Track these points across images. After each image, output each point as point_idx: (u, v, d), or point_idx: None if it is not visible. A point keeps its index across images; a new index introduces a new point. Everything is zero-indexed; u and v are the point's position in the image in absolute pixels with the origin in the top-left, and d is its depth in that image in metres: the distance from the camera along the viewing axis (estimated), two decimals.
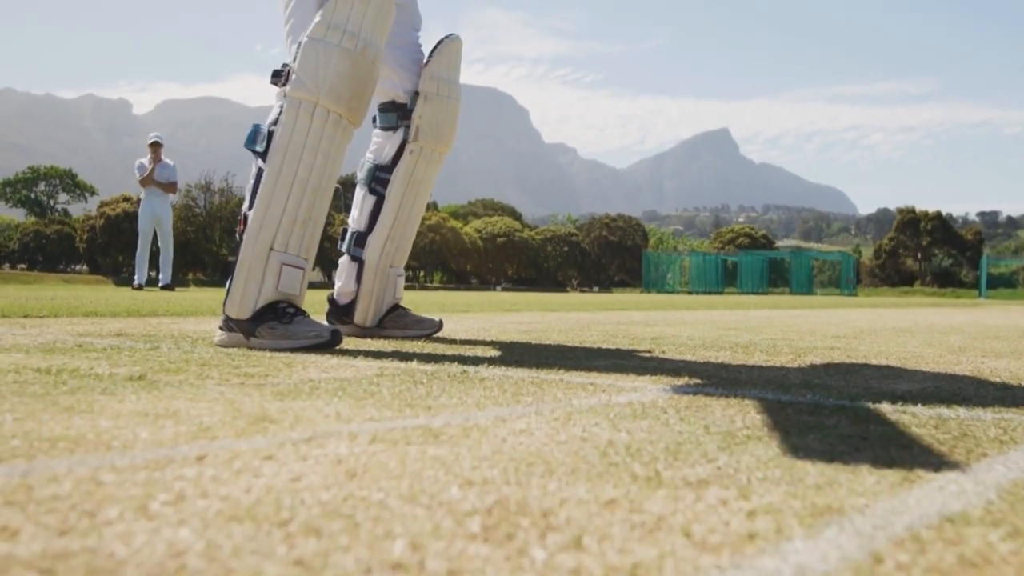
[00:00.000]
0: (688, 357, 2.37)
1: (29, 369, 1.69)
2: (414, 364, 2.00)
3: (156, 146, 12.29)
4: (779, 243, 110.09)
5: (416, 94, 2.85)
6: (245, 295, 2.33)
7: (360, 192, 2.96)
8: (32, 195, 63.48)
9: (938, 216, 63.89)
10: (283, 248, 2.34)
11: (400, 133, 2.88)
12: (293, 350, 2.25)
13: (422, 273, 51.80)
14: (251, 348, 2.29)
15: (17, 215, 63.21)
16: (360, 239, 2.92)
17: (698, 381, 1.77)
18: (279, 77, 2.40)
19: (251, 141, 2.40)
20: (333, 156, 2.38)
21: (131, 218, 39.34)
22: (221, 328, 2.41)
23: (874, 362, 2.36)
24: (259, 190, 2.35)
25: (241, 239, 2.36)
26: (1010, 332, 4.34)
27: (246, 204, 2.41)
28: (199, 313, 4.33)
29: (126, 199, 42.31)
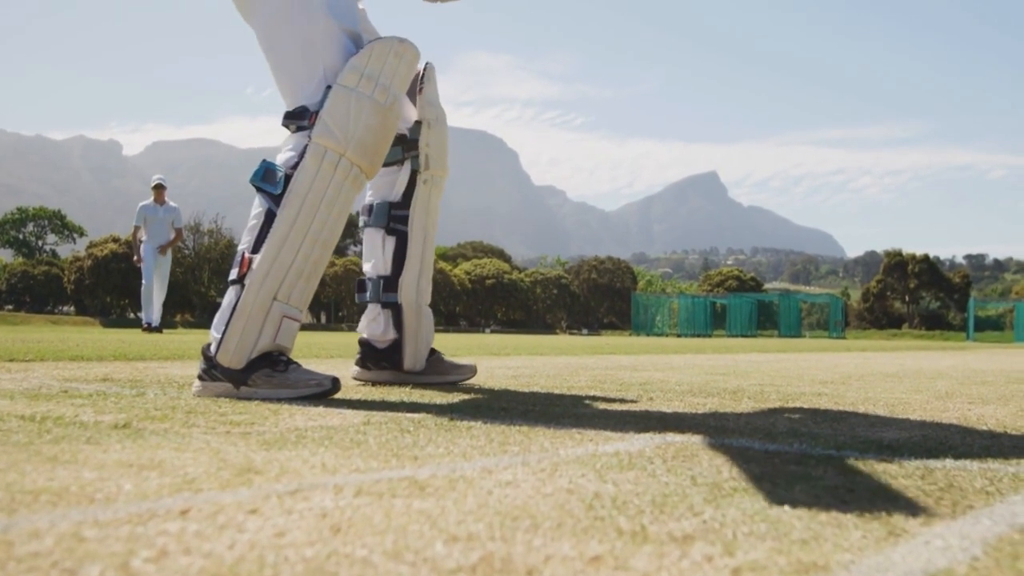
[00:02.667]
0: (676, 404, 2.37)
1: (13, 416, 1.68)
2: (401, 412, 1.99)
3: (160, 188, 12.33)
4: (768, 286, 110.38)
5: (417, 123, 2.80)
6: (241, 344, 2.24)
7: (375, 235, 2.86)
8: (20, 236, 63.38)
9: (925, 259, 64.24)
10: (286, 299, 2.26)
11: (407, 165, 2.82)
12: (291, 400, 2.19)
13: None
14: (240, 397, 2.21)
15: (5, 256, 63.05)
16: (389, 283, 2.83)
17: (686, 429, 1.76)
18: (295, 119, 2.32)
19: (261, 179, 2.30)
20: (345, 210, 2.33)
21: (119, 259, 39.31)
22: (201, 377, 2.30)
23: (861, 409, 2.36)
24: (270, 236, 2.25)
25: (241, 282, 2.26)
26: (996, 377, 4.35)
27: (248, 245, 2.29)
28: (186, 357, 4.31)
29: (114, 240, 42.28)
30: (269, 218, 2.28)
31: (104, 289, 41.15)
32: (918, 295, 63.45)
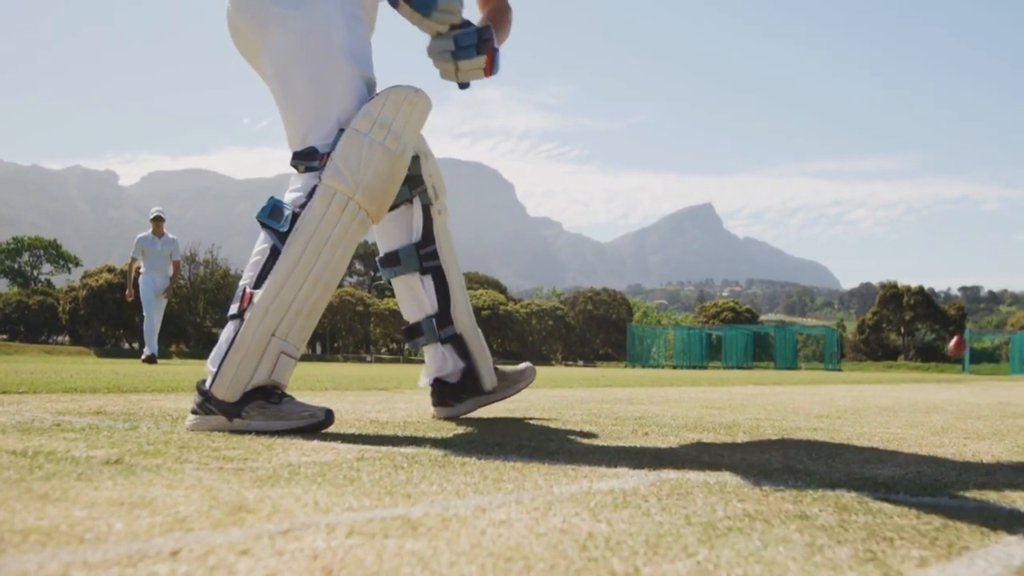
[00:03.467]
0: (671, 439, 2.37)
1: (4, 452, 1.67)
2: (395, 446, 1.99)
3: (158, 220, 12.36)
4: (763, 317, 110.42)
5: (415, 158, 2.79)
6: (237, 377, 2.24)
7: (411, 279, 2.86)
8: (16, 265, 63.37)
9: (920, 291, 64.34)
10: (284, 336, 2.26)
11: (416, 203, 2.81)
12: (283, 432, 2.20)
13: (407, 346, 51.67)
14: (234, 430, 2.22)
15: (0, 286, 63.05)
16: (442, 319, 2.85)
17: (681, 466, 1.76)
18: (304, 159, 2.35)
19: (268, 216, 2.31)
20: (348, 252, 2.35)
21: (114, 289, 39.22)
22: (195, 411, 2.29)
23: (857, 444, 2.35)
24: (273, 273, 2.26)
25: (241, 316, 2.27)
26: (992, 411, 4.35)
27: (250, 280, 2.31)
28: (180, 389, 4.30)
29: (110, 270, 42.25)
30: (273, 255, 2.29)
31: (99, 319, 41.07)
32: (913, 327, 63.47)
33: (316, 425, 2.25)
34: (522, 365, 3.08)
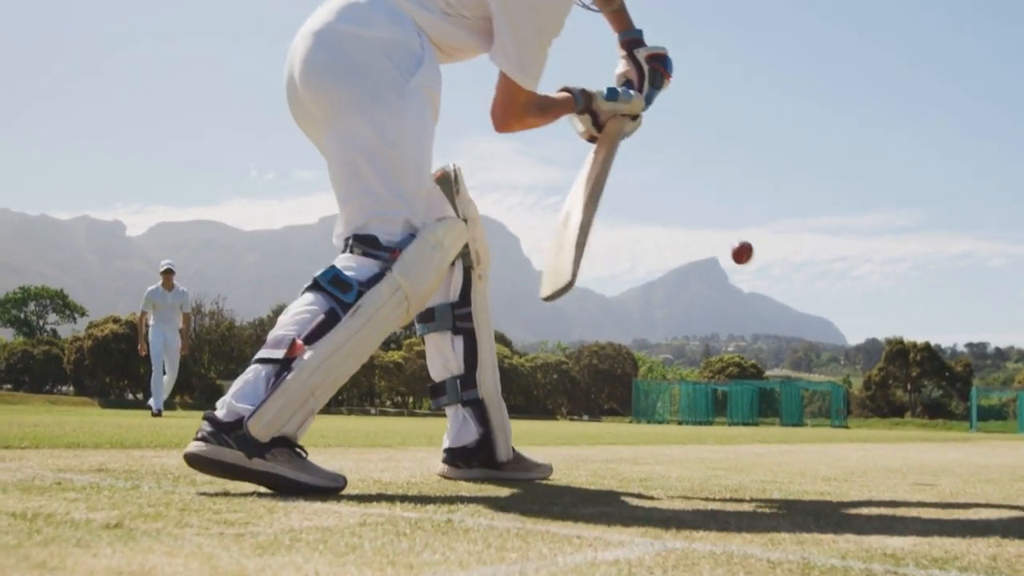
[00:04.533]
0: (677, 503, 2.34)
1: (4, 514, 1.65)
2: (398, 510, 1.97)
3: (169, 273, 12.43)
4: (769, 373, 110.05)
5: (463, 221, 2.83)
6: (275, 419, 2.22)
7: (441, 338, 2.91)
8: (22, 315, 63.48)
9: (927, 347, 64.12)
10: (318, 397, 2.30)
11: (458, 264, 2.87)
12: (300, 488, 2.21)
13: (411, 399, 51.50)
14: (250, 468, 2.19)
15: (5, 335, 63.09)
16: (467, 381, 2.87)
17: (687, 533, 1.74)
18: (364, 244, 2.44)
19: (328, 282, 2.38)
20: (382, 339, 2.47)
21: (120, 339, 39.23)
22: (207, 440, 2.21)
23: (865, 511, 2.33)
24: (330, 336, 2.30)
25: (287, 364, 2.26)
26: (1002, 474, 4.31)
27: (299, 333, 2.31)
28: (183, 444, 4.27)
29: (115, 320, 42.30)
30: (330, 319, 2.34)
31: (103, 369, 41.01)
32: (920, 383, 63.12)
33: (335, 489, 2.27)
34: (541, 459, 3.07)
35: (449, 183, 2.89)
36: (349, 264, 2.44)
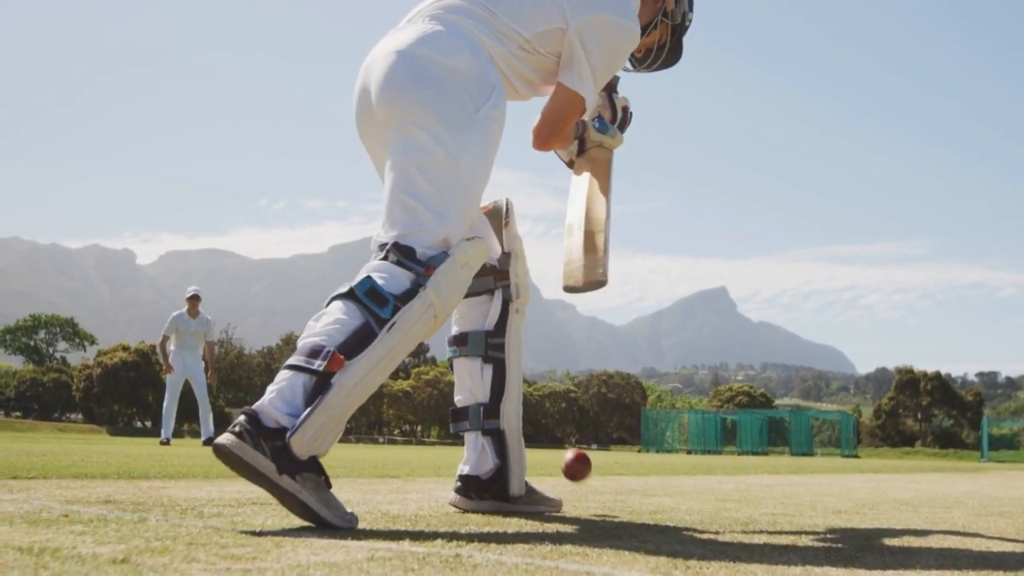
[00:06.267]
0: (686, 537, 2.33)
1: (11, 548, 1.65)
2: (406, 544, 1.95)
3: (195, 299, 12.38)
4: (778, 402, 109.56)
5: (506, 255, 2.91)
6: (316, 439, 2.18)
7: (471, 364, 2.92)
8: (32, 343, 63.67)
9: (937, 376, 63.86)
10: (347, 418, 2.28)
11: (498, 295, 2.90)
12: (316, 519, 2.18)
13: (419, 428, 51.41)
14: (278, 485, 2.14)
15: (15, 363, 63.24)
16: (490, 410, 2.88)
17: (697, 569, 1.72)
18: (401, 254, 2.43)
19: (365, 294, 2.34)
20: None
21: (128, 367, 39.34)
22: (242, 436, 2.14)
23: (876, 545, 2.31)
24: (368, 353, 2.26)
25: (328, 379, 2.21)
26: (1014, 506, 4.27)
27: (338, 344, 2.25)
28: (191, 475, 4.27)
29: (124, 348, 42.41)
30: (367, 332, 2.30)
31: (112, 397, 41.08)
32: (930, 413, 62.83)
33: (346, 528, 2.22)
34: (553, 495, 3.05)
35: (499, 216, 2.95)
36: (383, 274, 2.41)
